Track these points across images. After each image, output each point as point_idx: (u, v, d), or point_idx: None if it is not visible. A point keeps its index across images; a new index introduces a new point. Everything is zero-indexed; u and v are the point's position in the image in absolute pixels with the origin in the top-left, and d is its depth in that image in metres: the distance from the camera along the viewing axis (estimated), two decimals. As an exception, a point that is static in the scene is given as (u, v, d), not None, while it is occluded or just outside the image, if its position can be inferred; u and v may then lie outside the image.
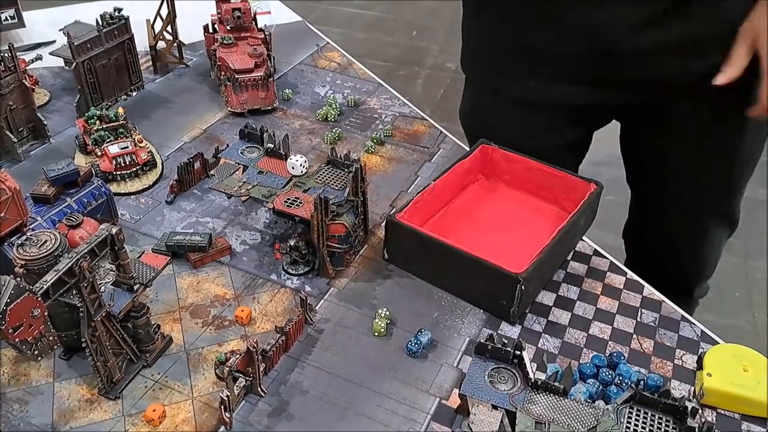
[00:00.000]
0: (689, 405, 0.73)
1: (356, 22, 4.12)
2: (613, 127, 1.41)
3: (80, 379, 0.91)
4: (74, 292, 0.79)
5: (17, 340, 0.71)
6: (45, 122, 1.34)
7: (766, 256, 2.47)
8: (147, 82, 1.55)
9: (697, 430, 0.72)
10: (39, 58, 1.51)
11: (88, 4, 1.78)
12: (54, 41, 1.67)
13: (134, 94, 1.51)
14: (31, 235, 0.82)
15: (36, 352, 0.74)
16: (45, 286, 0.73)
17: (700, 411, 0.74)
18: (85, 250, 0.78)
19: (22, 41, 1.68)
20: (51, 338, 0.76)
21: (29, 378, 0.91)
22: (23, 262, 0.79)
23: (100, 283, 0.84)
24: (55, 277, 0.74)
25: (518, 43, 1.23)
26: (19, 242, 0.81)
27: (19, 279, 0.72)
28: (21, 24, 1.67)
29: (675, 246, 1.46)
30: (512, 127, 1.31)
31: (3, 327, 0.69)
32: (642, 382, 0.84)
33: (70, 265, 0.76)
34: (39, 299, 0.72)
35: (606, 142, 1.51)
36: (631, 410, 0.76)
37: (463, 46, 1.40)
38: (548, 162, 1.18)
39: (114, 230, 0.81)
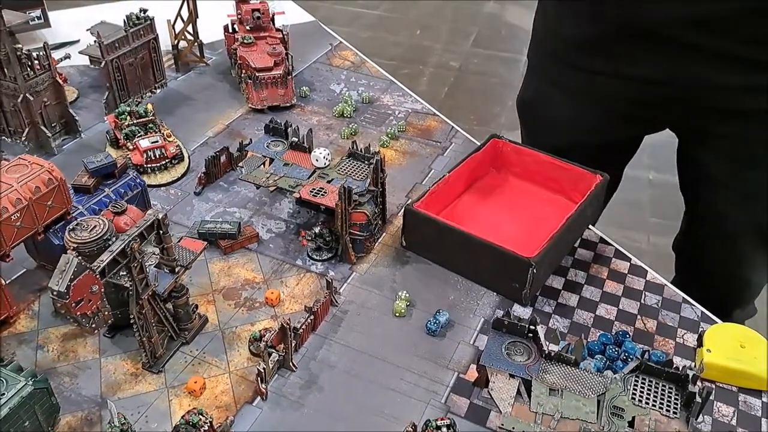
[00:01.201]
0: (690, 373, 0.80)
1: (360, 21, 4.19)
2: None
3: (124, 355, 0.98)
4: (123, 272, 0.86)
5: (78, 313, 0.78)
6: (76, 118, 1.40)
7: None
8: (170, 80, 1.62)
9: (697, 395, 0.79)
10: (68, 56, 1.58)
11: (110, 4, 1.85)
12: (78, 41, 1.73)
13: (158, 91, 1.58)
14: (81, 221, 0.88)
15: (93, 326, 0.81)
16: (102, 265, 0.80)
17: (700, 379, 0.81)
18: (136, 233, 0.85)
19: (47, 40, 1.74)
20: (106, 313, 0.83)
21: (77, 354, 0.98)
22: (75, 245, 0.85)
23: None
24: (110, 257, 0.81)
25: (577, 36, 1.25)
26: (71, 227, 0.88)
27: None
28: (47, 24, 1.74)
29: (715, 262, 1.42)
30: (568, 120, 1.32)
31: (67, 301, 0.76)
32: (648, 353, 0.91)
33: (122, 246, 0.83)
34: (97, 276, 0.79)
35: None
36: (637, 379, 0.83)
37: (531, 35, 1.43)
38: (597, 159, 1.21)
39: (160, 215, 0.88)
